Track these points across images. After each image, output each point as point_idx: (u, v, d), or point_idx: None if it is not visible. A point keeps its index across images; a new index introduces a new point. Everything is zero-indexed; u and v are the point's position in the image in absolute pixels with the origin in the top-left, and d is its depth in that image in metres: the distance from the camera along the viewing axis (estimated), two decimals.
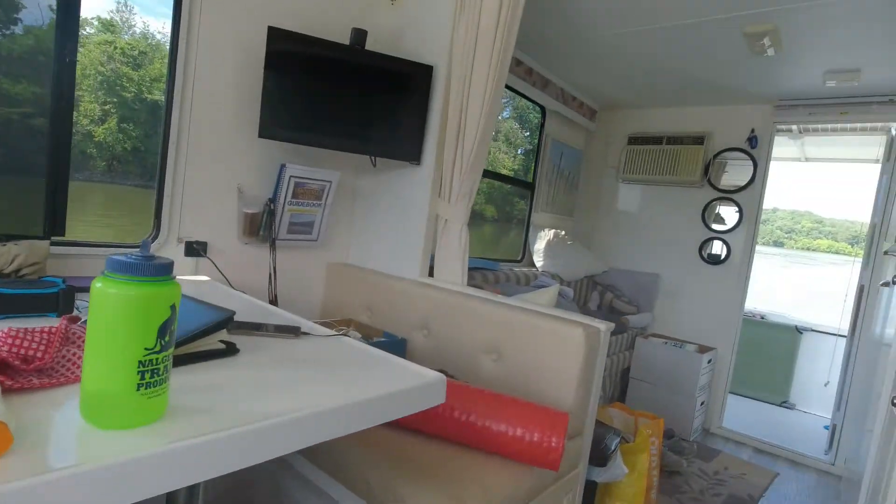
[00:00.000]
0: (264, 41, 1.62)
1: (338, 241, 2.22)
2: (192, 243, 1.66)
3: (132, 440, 0.58)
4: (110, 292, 0.58)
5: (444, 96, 1.91)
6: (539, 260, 3.49)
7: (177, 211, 1.62)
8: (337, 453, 1.26)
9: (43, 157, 1.34)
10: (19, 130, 1.36)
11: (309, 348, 1.05)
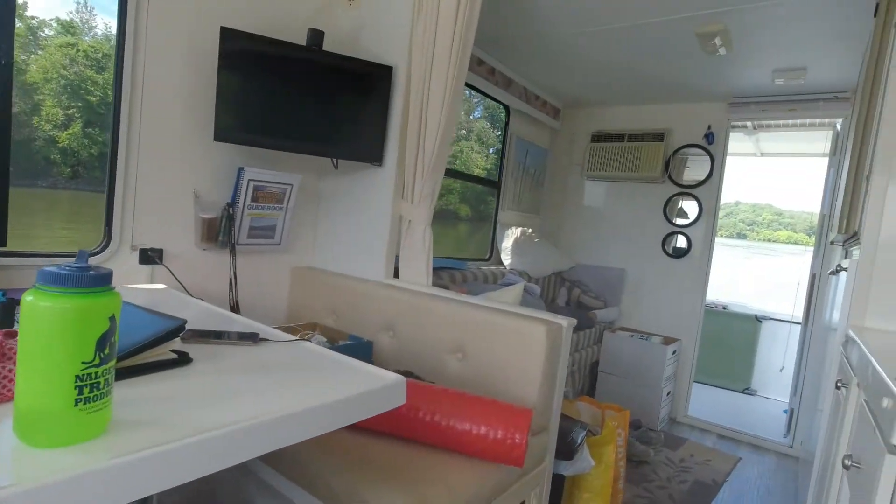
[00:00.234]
0: (218, 42, 1.59)
1: (301, 245, 2.19)
2: (147, 250, 1.61)
3: (72, 458, 0.56)
4: (42, 306, 0.56)
5: (405, 97, 1.91)
6: (506, 258, 3.52)
7: (129, 217, 1.57)
8: (300, 458, 1.25)
9: None
10: None
11: (267, 355, 1.04)
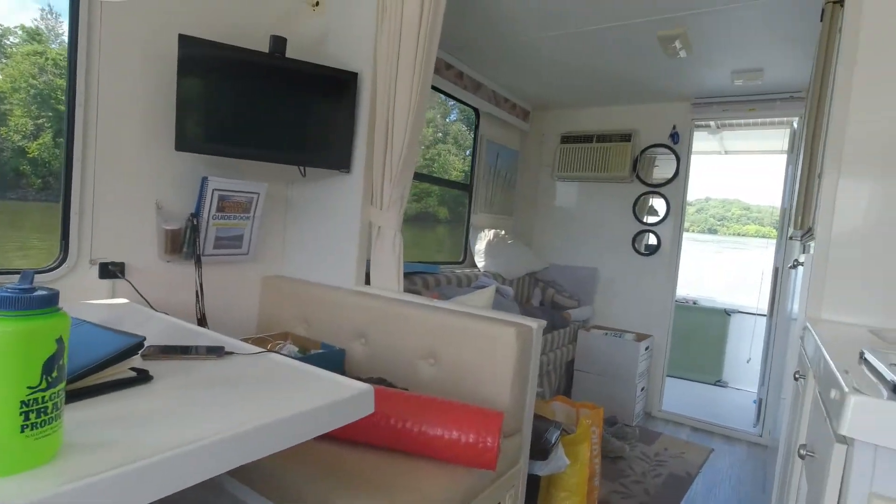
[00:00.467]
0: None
1: (271, 254, 2.16)
2: (108, 264, 1.57)
3: (17, 486, 0.54)
4: None
5: (371, 103, 1.90)
6: (480, 260, 3.54)
7: (87, 230, 1.52)
8: (270, 471, 1.23)
9: None
10: None
11: (233, 368, 1.02)
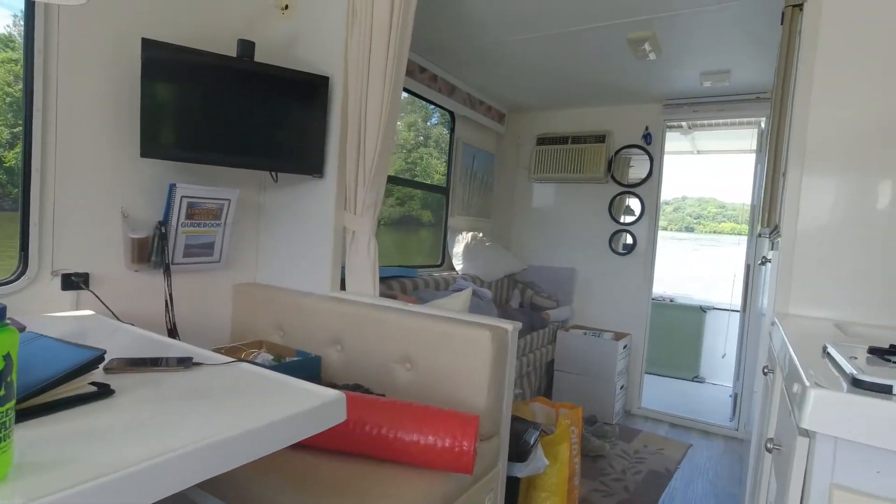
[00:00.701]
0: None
1: (243, 261, 2.12)
2: (70, 275, 1.52)
3: None
4: None
5: (343, 106, 1.89)
6: (458, 263, 3.54)
7: (48, 241, 1.47)
8: (243, 483, 1.20)
9: None
10: None
11: (201, 379, 1.00)
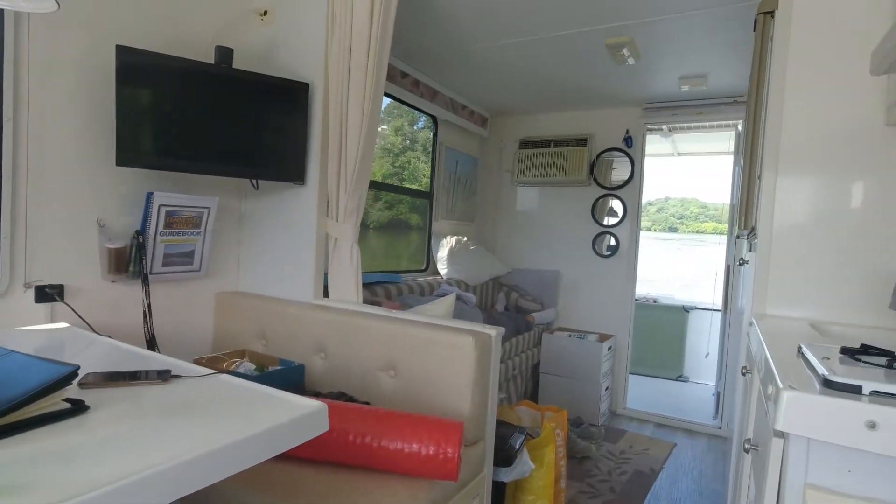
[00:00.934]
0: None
1: (225, 269, 2.09)
2: (44, 287, 1.48)
3: None
4: None
5: (323, 112, 1.88)
6: (443, 267, 3.53)
7: (20, 252, 1.43)
8: (227, 497, 1.19)
9: None
10: None
11: (180, 392, 0.98)
